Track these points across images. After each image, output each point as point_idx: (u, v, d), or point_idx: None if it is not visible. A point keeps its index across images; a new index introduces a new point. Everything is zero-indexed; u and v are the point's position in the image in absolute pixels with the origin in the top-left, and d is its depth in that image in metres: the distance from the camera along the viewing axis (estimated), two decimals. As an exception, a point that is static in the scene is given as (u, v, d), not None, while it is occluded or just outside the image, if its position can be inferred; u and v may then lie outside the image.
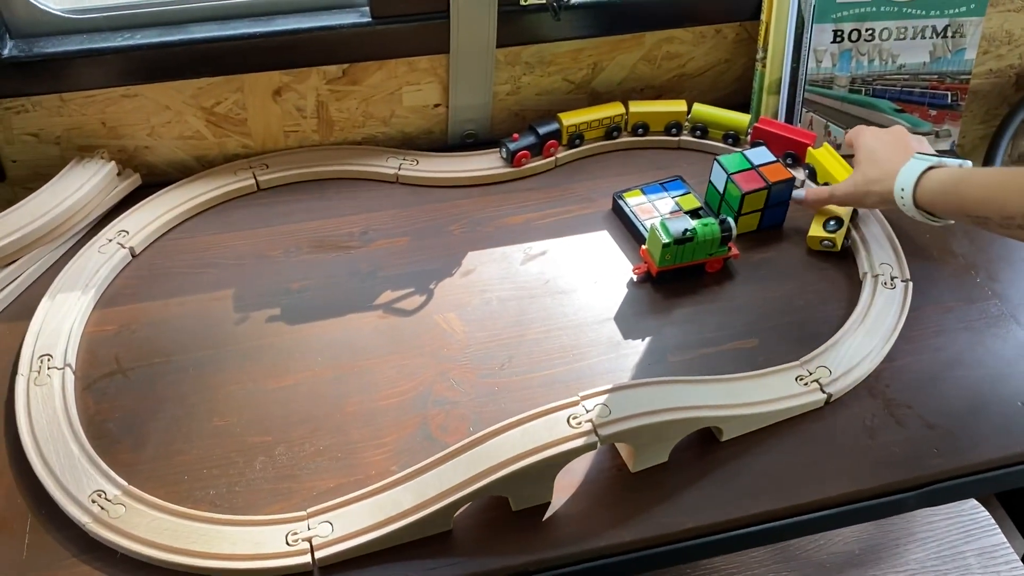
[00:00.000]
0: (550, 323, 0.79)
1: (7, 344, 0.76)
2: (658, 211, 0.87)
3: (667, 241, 0.78)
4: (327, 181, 0.93)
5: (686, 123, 0.98)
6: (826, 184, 0.86)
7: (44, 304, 0.77)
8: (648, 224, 0.85)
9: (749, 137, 0.95)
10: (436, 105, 0.95)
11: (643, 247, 0.83)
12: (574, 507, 0.66)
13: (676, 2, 0.94)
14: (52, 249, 0.82)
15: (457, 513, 0.63)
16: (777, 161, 0.86)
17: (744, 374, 0.72)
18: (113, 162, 0.86)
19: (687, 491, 0.67)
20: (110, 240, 0.83)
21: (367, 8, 0.86)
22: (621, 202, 0.88)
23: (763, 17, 0.95)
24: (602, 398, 0.65)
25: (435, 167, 0.93)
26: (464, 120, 0.96)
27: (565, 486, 0.66)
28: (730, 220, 0.80)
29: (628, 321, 0.79)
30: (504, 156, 0.93)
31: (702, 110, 0.97)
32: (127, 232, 0.84)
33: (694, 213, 0.87)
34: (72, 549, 0.62)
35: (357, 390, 0.73)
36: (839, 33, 0.91)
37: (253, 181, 0.90)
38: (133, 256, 0.83)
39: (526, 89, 0.97)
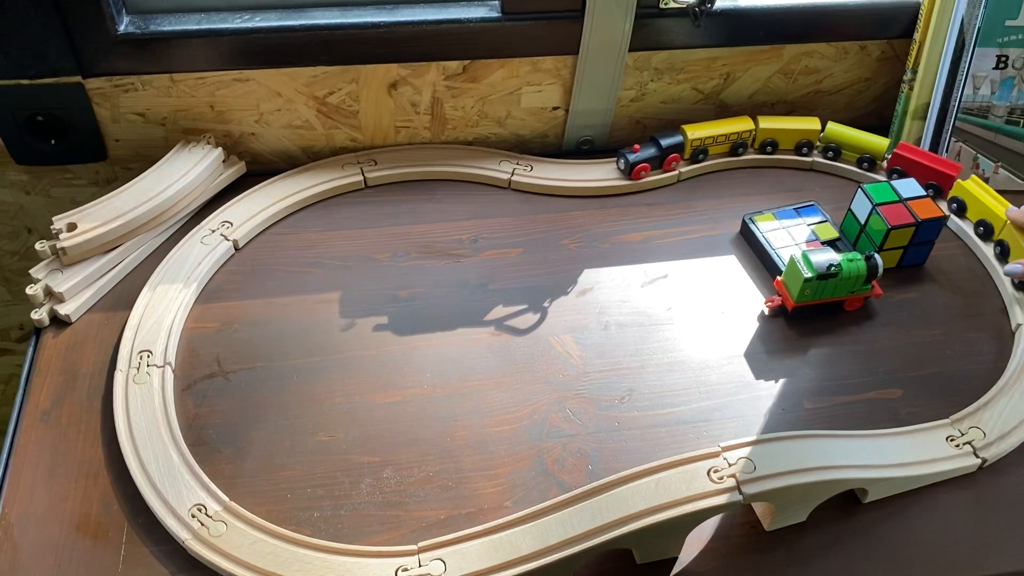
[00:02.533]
0: (673, 355, 0.73)
1: (105, 335, 0.72)
2: (793, 239, 0.81)
3: (809, 276, 0.72)
4: (437, 182, 0.88)
5: (818, 143, 0.92)
6: None
7: (144, 296, 0.73)
8: (783, 254, 0.79)
9: (886, 163, 0.89)
10: (555, 108, 0.90)
11: (778, 278, 0.77)
12: (703, 564, 0.60)
13: (822, 15, 0.87)
14: (154, 236, 0.78)
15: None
16: (927, 196, 0.79)
17: (891, 431, 0.66)
18: (220, 148, 0.83)
19: (825, 557, 0.61)
20: (213, 231, 0.79)
21: (496, 3, 0.81)
22: (752, 226, 0.82)
23: (917, 36, 0.88)
24: (745, 451, 0.59)
25: (550, 174, 0.88)
26: (582, 125, 0.91)
27: (693, 540, 0.61)
28: (877, 258, 0.74)
29: (759, 359, 0.73)
30: (621, 168, 0.87)
31: (837, 130, 0.90)
32: (231, 223, 0.80)
33: (832, 244, 0.80)
34: (169, 566, 0.58)
35: (468, 413, 0.68)
36: (1003, 59, 0.84)
37: (361, 178, 0.86)
38: (236, 249, 0.79)
39: (651, 96, 0.91)
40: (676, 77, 0.90)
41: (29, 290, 0.72)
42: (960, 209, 0.83)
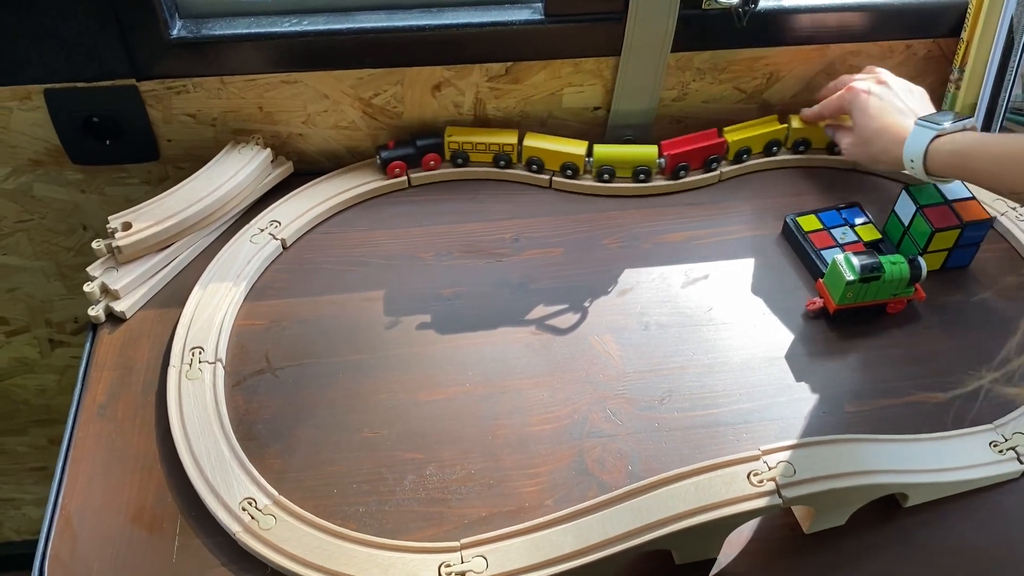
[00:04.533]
0: (714, 356, 0.74)
1: (158, 331, 0.75)
2: (836, 241, 0.80)
3: (852, 279, 0.72)
4: (478, 182, 0.89)
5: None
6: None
7: (196, 293, 0.76)
8: (825, 255, 0.79)
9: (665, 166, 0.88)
10: (596, 108, 0.91)
11: (820, 280, 0.76)
12: (742, 566, 0.61)
13: (868, 14, 0.87)
14: (205, 235, 0.81)
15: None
16: (973, 198, 0.78)
17: (934, 435, 0.66)
18: (269, 149, 0.84)
19: (865, 560, 0.61)
20: (262, 230, 0.81)
21: (539, 5, 0.82)
22: (794, 227, 0.82)
23: (964, 35, 0.87)
24: (785, 455, 0.60)
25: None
26: (623, 126, 0.91)
27: (732, 542, 0.61)
28: (921, 260, 0.73)
29: (800, 361, 0.73)
30: (378, 163, 0.87)
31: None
32: (279, 223, 0.82)
33: (874, 246, 0.80)
34: (221, 557, 0.60)
35: (509, 412, 0.69)
36: (1053, 58, 0.83)
37: (405, 178, 0.87)
38: (284, 248, 0.81)
39: (693, 96, 0.91)
40: (718, 77, 0.90)
41: (86, 287, 0.74)
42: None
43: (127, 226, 0.76)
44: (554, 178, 0.88)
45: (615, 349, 0.74)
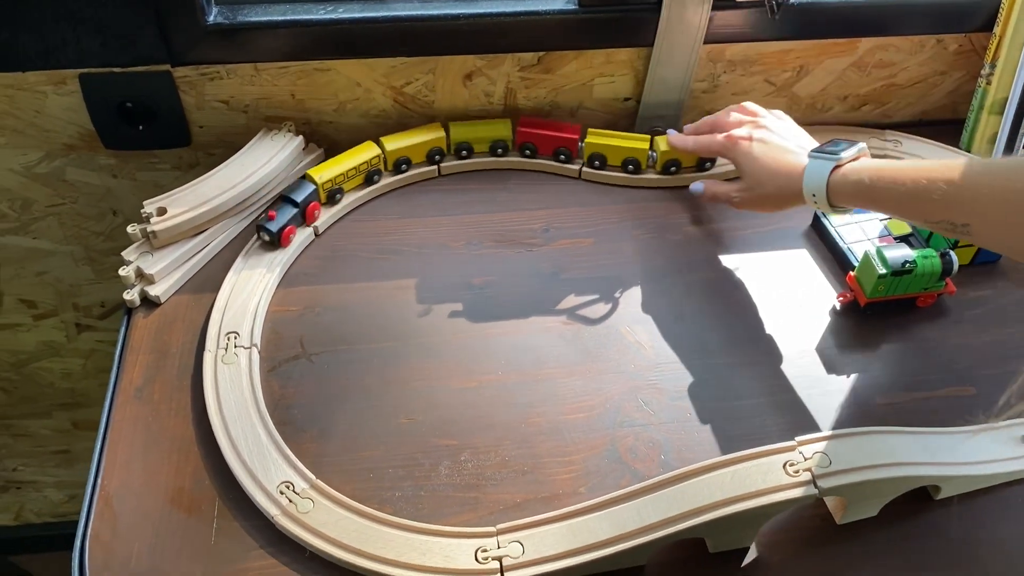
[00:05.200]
0: (744, 348, 0.74)
1: (192, 316, 0.75)
2: (865, 234, 0.81)
3: (883, 272, 0.72)
4: (508, 171, 0.89)
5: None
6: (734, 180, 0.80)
7: (230, 279, 0.76)
8: (855, 249, 0.79)
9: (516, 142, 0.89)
10: (626, 99, 0.91)
11: (851, 274, 0.77)
12: (775, 555, 0.61)
13: (899, 8, 0.87)
14: (238, 221, 0.81)
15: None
16: (1005, 192, 0.78)
17: (966, 428, 0.66)
18: (301, 136, 0.85)
19: (897, 552, 0.62)
20: (294, 216, 0.82)
21: (575, -6, 0.83)
22: (824, 220, 0.82)
23: (997, 30, 0.86)
24: (820, 445, 0.60)
25: (621, 165, 0.89)
26: (653, 117, 0.92)
27: (765, 532, 0.62)
28: (952, 255, 0.74)
29: (831, 354, 0.73)
30: (268, 240, 0.78)
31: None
32: (311, 209, 0.82)
33: (904, 240, 0.80)
34: (259, 540, 0.61)
35: (542, 400, 0.70)
36: (1087, 54, 0.83)
37: (435, 166, 0.88)
38: (316, 235, 0.82)
39: (723, 88, 0.91)
40: (749, 69, 0.90)
41: (122, 271, 0.75)
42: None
43: (162, 211, 0.77)
44: (584, 168, 0.88)
45: (646, 339, 0.74)
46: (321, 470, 0.64)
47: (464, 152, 0.88)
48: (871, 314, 0.76)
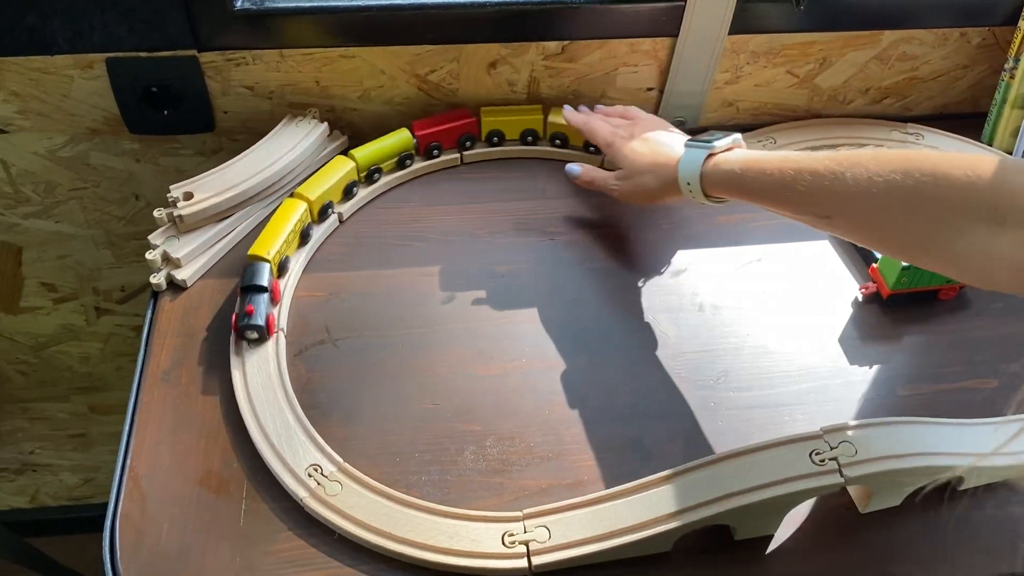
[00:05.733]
0: (767, 338, 0.74)
1: (218, 300, 0.76)
2: (888, 227, 0.81)
3: (907, 264, 0.72)
4: (532, 160, 0.90)
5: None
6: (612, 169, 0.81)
7: (256, 263, 0.77)
8: (879, 241, 0.79)
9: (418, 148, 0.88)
10: (649, 89, 0.91)
11: (873, 265, 0.77)
12: (799, 544, 0.62)
13: (923, 1, 0.87)
14: (264, 206, 0.81)
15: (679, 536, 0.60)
16: None
17: (990, 420, 0.66)
18: (326, 123, 0.85)
19: (921, 542, 0.62)
20: (319, 203, 0.82)
21: (599, -16, 0.83)
22: (847, 213, 0.82)
23: (1021, 23, 0.86)
24: (846, 434, 0.60)
25: (643, 155, 0.89)
26: (676, 106, 0.92)
27: (788, 519, 0.62)
28: (977, 247, 0.74)
29: (853, 345, 0.74)
30: (256, 336, 0.71)
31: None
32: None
33: (927, 233, 0.80)
34: (287, 522, 0.61)
35: (566, 387, 0.70)
36: (1112, 49, 0.83)
37: (458, 155, 0.88)
38: (340, 222, 0.82)
39: (745, 79, 0.91)
40: (772, 60, 0.90)
41: (148, 255, 0.75)
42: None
43: (189, 196, 0.77)
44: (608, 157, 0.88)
45: (670, 329, 0.75)
46: (348, 453, 0.64)
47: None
48: (893, 306, 0.76)
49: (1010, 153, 0.90)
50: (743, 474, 0.59)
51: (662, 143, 0.75)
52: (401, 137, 0.85)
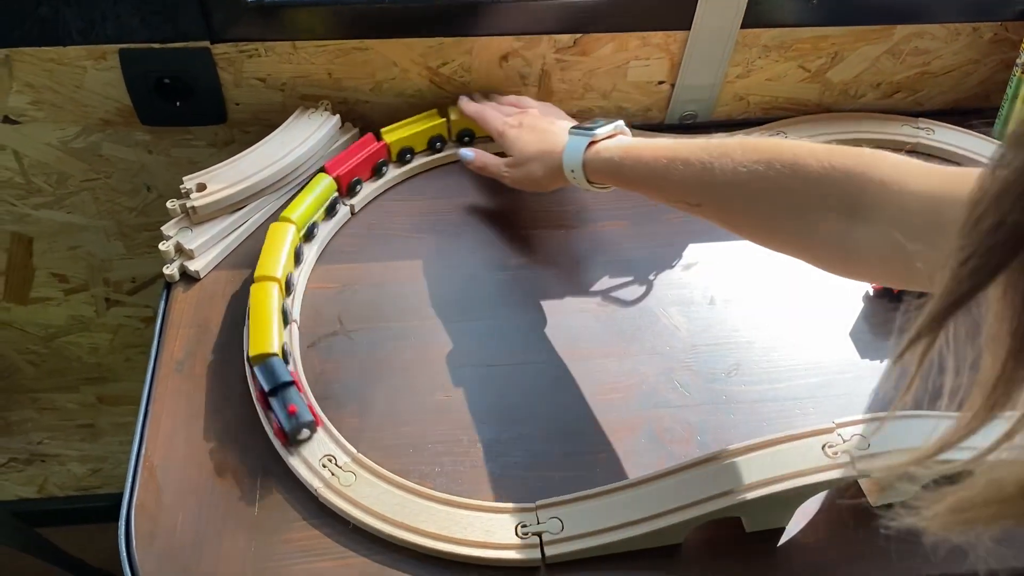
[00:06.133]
0: (779, 332, 0.74)
1: (231, 291, 0.76)
2: (900, 222, 0.81)
3: (918, 259, 0.73)
4: (542, 153, 0.90)
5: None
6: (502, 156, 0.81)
7: (269, 255, 0.77)
8: (890, 235, 0.79)
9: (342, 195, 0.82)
10: (660, 82, 0.91)
11: (885, 260, 0.77)
12: (810, 536, 0.62)
13: (936, -5, 0.87)
14: (276, 198, 0.82)
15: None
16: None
17: (1006, 415, 0.66)
18: (338, 115, 0.85)
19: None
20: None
21: (613, -23, 0.83)
22: (858, 207, 0.82)
23: (1034, 18, 0.87)
24: (858, 428, 0.61)
25: (654, 148, 0.89)
26: (687, 100, 0.92)
27: (799, 512, 0.62)
28: (989, 242, 0.74)
29: (864, 339, 0.74)
30: (310, 433, 0.64)
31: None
32: (347, 188, 0.83)
33: (938, 228, 0.80)
34: (302, 512, 0.62)
35: (578, 380, 0.71)
36: (1125, 44, 0.83)
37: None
38: (352, 214, 0.82)
39: (757, 73, 0.91)
40: (784, 55, 0.90)
41: (161, 246, 0.76)
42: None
43: (202, 187, 0.77)
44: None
45: (681, 322, 0.75)
46: (361, 444, 0.65)
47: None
48: (905, 300, 0.76)
49: None
50: (755, 467, 0.59)
51: (549, 131, 0.76)
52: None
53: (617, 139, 0.70)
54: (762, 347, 0.73)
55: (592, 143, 0.70)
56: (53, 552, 1.22)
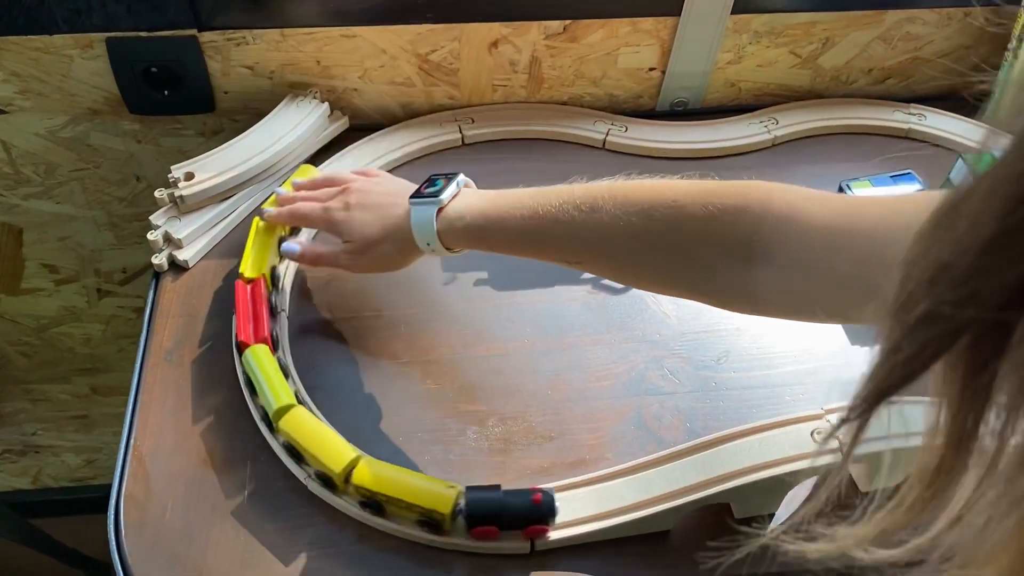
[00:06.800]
0: (769, 320, 0.74)
1: (220, 281, 0.76)
2: (890, 208, 0.81)
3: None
4: (532, 141, 0.89)
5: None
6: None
7: (258, 244, 0.77)
8: (880, 222, 0.79)
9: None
10: (651, 69, 0.91)
11: (875, 246, 0.77)
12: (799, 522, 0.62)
13: (928, -21, 0.86)
14: (265, 187, 0.81)
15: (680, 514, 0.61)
16: (1031, 166, 0.78)
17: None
18: (327, 103, 0.85)
19: (921, 520, 0.62)
20: (320, 183, 0.82)
21: (602, -37, 0.82)
22: (849, 192, 0.82)
23: (1025, 3, 0.86)
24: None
25: (644, 136, 0.89)
26: (678, 87, 0.91)
27: (789, 497, 0.63)
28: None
29: (854, 325, 0.74)
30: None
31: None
32: (336, 177, 0.82)
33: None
34: (292, 501, 0.62)
35: (567, 368, 0.71)
36: (1116, 28, 0.82)
37: (459, 135, 0.88)
38: (342, 202, 0.82)
39: (748, 59, 0.91)
40: (775, 40, 0.89)
41: (150, 235, 0.75)
42: None
43: (189, 176, 0.77)
44: (608, 138, 0.88)
45: (671, 309, 0.75)
46: (350, 434, 0.65)
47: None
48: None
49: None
50: (744, 454, 0.59)
51: (385, 204, 0.67)
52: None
53: (466, 200, 0.63)
54: (751, 334, 0.73)
55: (440, 210, 0.62)
56: (48, 543, 1.22)
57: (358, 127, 0.89)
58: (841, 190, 0.83)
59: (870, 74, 0.95)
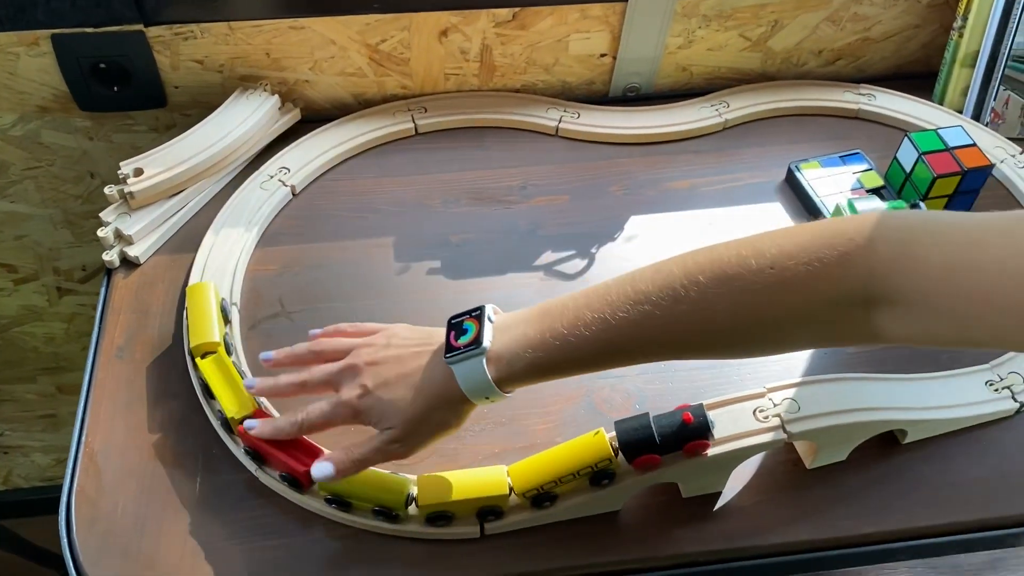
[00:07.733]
0: (718, 299, 0.75)
1: (172, 275, 0.76)
2: (838, 187, 0.81)
3: (854, 224, 0.73)
4: (485, 129, 0.90)
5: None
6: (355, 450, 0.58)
7: (209, 239, 0.76)
8: (828, 202, 0.80)
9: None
10: (602, 55, 0.91)
11: (822, 226, 0.78)
12: (746, 499, 0.63)
13: (874, -40, 0.87)
14: (215, 181, 0.81)
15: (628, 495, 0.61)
16: (974, 144, 0.80)
17: (932, 374, 0.67)
18: (277, 96, 0.85)
19: (865, 494, 0.64)
20: (271, 176, 0.82)
21: (547, -50, 0.82)
22: (798, 174, 0.83)
23: (968, -19, 0.87)
24: (790, 392, 0.61)
25: (597, 122, 0.89)
26: (629, 73, 0.92)
27: (737, 476, 0.63)
28: (923, 206, 0.75)
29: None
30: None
31: None
32: (288, 169, 0.82)
33: (876, 192, 0.81)
34: (243, 493, 0.62)
35: (519, 353, 0.71)
36: (1056, 6, 0.83)
37: (412, 125, 0.88)
38: (293, 195, 0.82)
39: (698, 43, 0.92)
40: (724, 24, 0.90)
41: (100, 232, 0.75)
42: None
43: (139, 172, 0.77)
44: (560, 125, 0.89)
45: (622, 293, 0.76)
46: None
47: None
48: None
49: (960, 112, 0.91)
50: (688, 433, 0.60)
51: (412, 372, 0.56)
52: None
53: (510, 335, 0.54)
54: (702, 315, 0.74)
55: (487, 359, 0.54)
56: (19, 543, 1.22)
57: (311, 119, 0.89)
58: (790, 172, 0.84)
59: (820, 56, 0.96)
